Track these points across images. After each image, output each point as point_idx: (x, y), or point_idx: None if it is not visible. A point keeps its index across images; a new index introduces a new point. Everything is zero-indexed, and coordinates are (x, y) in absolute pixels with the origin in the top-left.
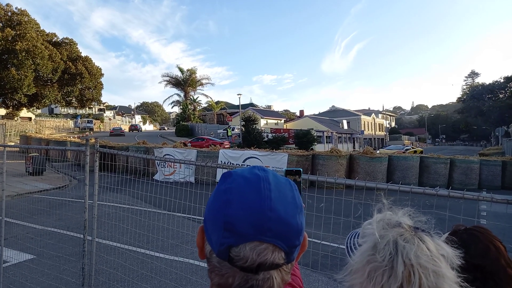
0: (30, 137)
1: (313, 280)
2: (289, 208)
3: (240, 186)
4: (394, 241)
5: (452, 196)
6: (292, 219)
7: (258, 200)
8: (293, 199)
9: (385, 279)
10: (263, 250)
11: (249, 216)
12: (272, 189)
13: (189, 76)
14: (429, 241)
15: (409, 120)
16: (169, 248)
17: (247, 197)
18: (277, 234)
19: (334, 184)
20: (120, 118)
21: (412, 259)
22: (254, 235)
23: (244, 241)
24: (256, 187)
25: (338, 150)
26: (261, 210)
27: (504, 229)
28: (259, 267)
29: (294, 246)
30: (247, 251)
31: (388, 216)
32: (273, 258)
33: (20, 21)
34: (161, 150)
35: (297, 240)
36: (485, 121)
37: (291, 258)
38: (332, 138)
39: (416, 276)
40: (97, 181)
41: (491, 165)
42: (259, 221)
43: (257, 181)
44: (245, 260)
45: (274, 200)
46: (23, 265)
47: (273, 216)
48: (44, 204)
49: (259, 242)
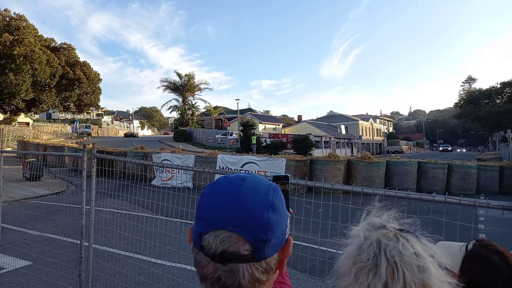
0: (28, 142)
1: (311, 286)
2: (258, 202)
3: (218, 182)
4: (377, 240)
5: (448, 202)
6: (259, 212)
7: (228, 192)
8: (266, 196)
9: (370, 277)
10: (226, 238)
11: (217, 205)
12: (245, 185)
13: (187, 81)
14: (414, 241)
15: (407, 125)
16: (166, 254)
17: (220, 190)
18: (242, 225)
19: (332, 189)
20: (118, 123)
21: (395, 256)
22: (220, 223)
23: (211, 229)
24: (231, 183)
25: (336, 155)
26: (229, 200)
27: (502, 234)
28: (223, 256)
29: (261, 241)
30: (212, 238)
31: (373, 219)
32: (237, 248)
33: (18, 26)
34: (159, 155)
35: (263, 234)
36: (482, 126)
37: (261, 254)
38: (330, 143)
39: (400, 272)
40: (94, 187)
41: (489, 170)
42: (225, 210)
43: (235, 178)
44: (210, 247)
45: (243, 193)
46: (19, 271)
47: (239, 207)
48: (41, 210)
49: (225, 231)
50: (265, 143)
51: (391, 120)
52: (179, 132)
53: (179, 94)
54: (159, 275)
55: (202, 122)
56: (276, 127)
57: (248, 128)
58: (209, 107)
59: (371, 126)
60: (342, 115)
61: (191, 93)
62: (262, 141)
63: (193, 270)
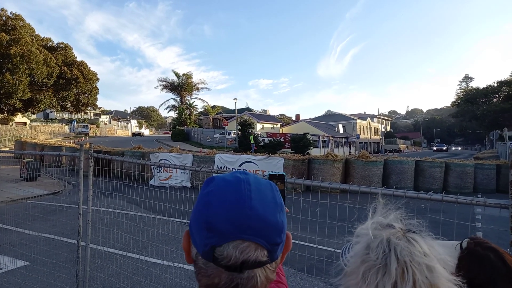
0: (25, 142)
1: (309, 285)
2: (269, 207)
3: (220, 188)
4: (387, 239)
5: (445, 200)
6: (272, 217)
7: (238, 199)
8: (273, 198)
9: (379, 277)
10: (245, 248)
11: (229, 215)
12: (252, 189)
13: (185, 80)
14: (422, 241)
15: (404, 124)
16: (164, 254)
17: (227, 198)
18: (258, 232)
19: (329, 188)
20: (116, 123)
21: (406, 256)
22: (236, 233)
23: (227, 240)
24: (236, 188)
25: (334, 154)
26: (241, 209)
27: (499, 233)
28: (243, 265)
29: (276, 244)
30: (230, 250)
31: (380, 219)
32: (256, 256)
33: (15, 26)
34: (157, 155)
35: (278, 237)
36: (479, 125)
37: (274, 256)
38: (328, 142)
39: (409, 272)
40: (91, 187)
41: (486, 168)
42: (239, 219)
43: (238, 182)
44: (229, 258)
45: (253, 199)
46: (16, 272)
47: (252, 214)
48: (39, 210)
49: (241, 241)
50: (263, 142)
51: (389, 119)
52: (177, 131)
53: (177, 94)
54: (157, 275)
55: (200, 122)
56: (274, 127)
57: (246, 127)
58: (207, 106)
59: (369, 125)
60: (340, 114)
61: (189, 93)
62: (260, 140)
63: (190, 269)
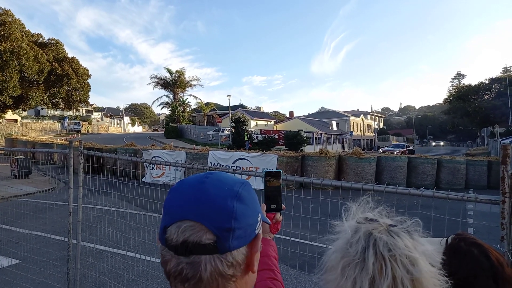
0: (16, 140)
1: (302, 282)
2: (222, 192)
3: (186, 179)
4: (367, 234)
5: (437, 196)
6: (222, 200)
7: (193, 185)
8: (231, 186)
9: (357, 272)
10: (187, 228)
11: (182, 197)
12: (211, 177)
13: (178, 77)
14: (405, 237)
15: (397, 121)
16: (156, 252)
17: (186, 184)
18: (204, 214)
19: (321, 185)
20: (108, 120)
21: (384, 251)
22: (181, 213)
23: (173, 220)
24: (197, 177)
25: (327, 151)
26: (193, 192)
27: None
28: (184, 246)
29: (224, 230)
30: (173, 229)
31: (365, 214)
32: (199, 237)
33: (4, 22)
34: (150, 152)
35: (226, 222)
36: (471, 122)
37: (226, 245)
38: (321, 139)
39: (388, 268)
40: (81, 184)
41: (477, 165)
42: (189, 201)
43: (202, 174)
44: (172, 238)
45: (207, 184)
46: (6, 270)
47: (201, 196)
48: (30, 207)
49: (188, 221)
50: (257, 139)
51: (382, 116)
52: (170, 128)
53: (170, 91)
54: (148, 273)
55: (193, 119)
56: (267, 123)
57: (239, 124)
58: (201, 103)
59: (362, 122)
60: (334, 111)
61: (182, 90)
62: (254, 137)
63: None
